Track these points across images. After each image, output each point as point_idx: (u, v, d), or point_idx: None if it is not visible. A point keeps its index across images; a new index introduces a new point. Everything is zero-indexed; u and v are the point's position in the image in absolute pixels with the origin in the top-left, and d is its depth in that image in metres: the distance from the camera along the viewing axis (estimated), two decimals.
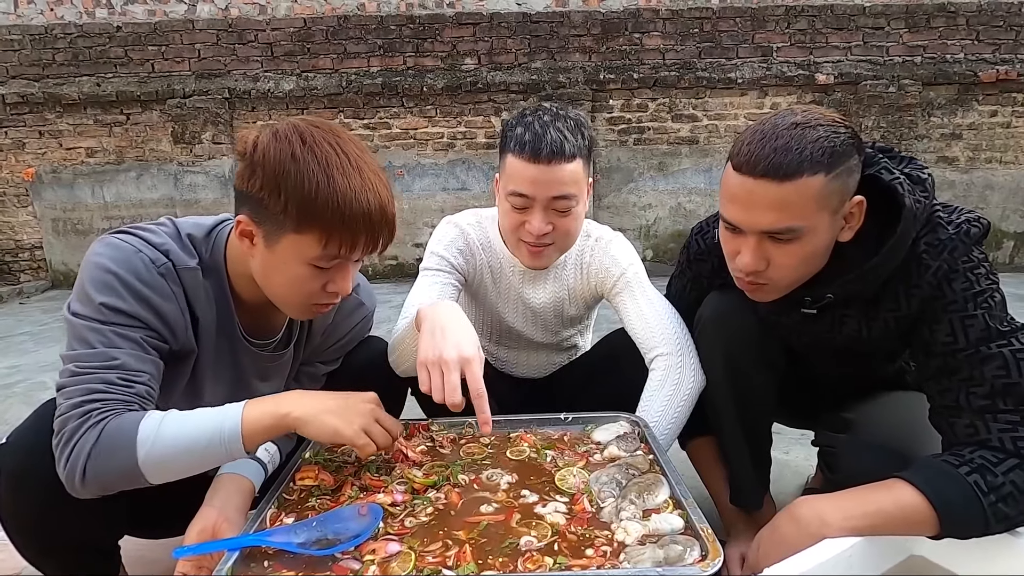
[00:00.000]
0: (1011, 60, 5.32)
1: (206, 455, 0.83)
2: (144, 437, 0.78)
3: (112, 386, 0.80)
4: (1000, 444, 0.83)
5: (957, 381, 0.88)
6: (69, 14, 5.36)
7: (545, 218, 1.16)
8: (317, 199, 0.81)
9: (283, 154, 0.82)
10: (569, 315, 1.40)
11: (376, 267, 5.74)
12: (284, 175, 0.82)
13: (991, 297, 0.88)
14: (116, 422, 0.78)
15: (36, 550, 0.92)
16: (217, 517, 0.87)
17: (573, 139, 1.12)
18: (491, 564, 0.74)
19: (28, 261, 5.66)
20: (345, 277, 0.91)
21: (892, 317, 0.95)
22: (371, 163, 0.88)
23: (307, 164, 0.82)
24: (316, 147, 0.83)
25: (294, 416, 0.85)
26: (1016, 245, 5.61)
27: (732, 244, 0.95)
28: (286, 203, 0.82)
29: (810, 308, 1.01)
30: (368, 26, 5.35)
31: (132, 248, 0.86)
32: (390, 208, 0.88)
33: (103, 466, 0.78)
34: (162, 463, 0.80)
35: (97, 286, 0.83)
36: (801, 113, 0.86)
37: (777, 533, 0.86)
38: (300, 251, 0.85)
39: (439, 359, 0.92)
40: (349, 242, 0.85)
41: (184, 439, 0.80)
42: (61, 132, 5.40)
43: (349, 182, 0.83)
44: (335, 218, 0.82)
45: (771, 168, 0.83)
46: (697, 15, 5.34)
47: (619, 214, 5.58)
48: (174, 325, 0.89)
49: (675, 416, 1.13)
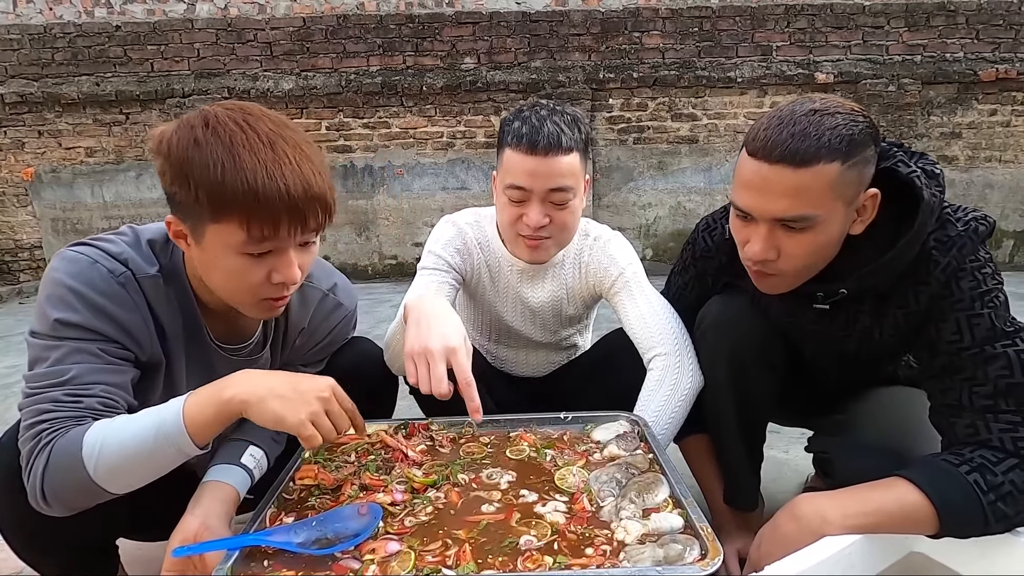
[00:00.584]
0: (1011, 59, 5.32)
1: (156, 456, 0.79)
2: (89, 450, 0.76)
3: (59, 404, 0.79)
4: (1000, 444, 0.83)
5: (960, 380, 0.87)
6: (68, 13, 5.35)
7: (542, 210, 1.17)
8: (224, 182, 0.76)
9: (185, 142, 0.77)
10: (567, 314, 1.40)
11: (376, 267, 5.74)
12: (189, 163, 0.77)
13: (996, 297, 0.88)
14: (62, 441, 0.77)
15: (33, 550, 0.91)
16: (198, 527, 0.86)
17: (570, 132, 1.14)
18: (491, 563, 0.74)
19: (27, 261, 5.66)
20: (287, 264, 0.84)
21: (902, 314, 0.95)
22: (291, 137, 0.81)
23: (210, 147, 0.76)
24: (220, 128, 0.78)
25: (239, 399, 0.79)
26: (1016, 244, 5.61)
27: (743, 232, 0.94)
28: (196, 192, 0.77)
29: (823, 303, 0.99)
30: (367, 25, 5.35)
31: (88, 260, 0.84)
32: (316, 183, 0.81)
33: (59, 486, 0.77)
34: (114, 472, 0.78)
35: (53, 302, 0.81)
36: (820, 100, 0.86)
37: (779, 531, 0.86)
38: (225, 241, 0.80)
39: (424, 349, 0.91)
40: (270, 223, 0.78)
41: (129, 444, 0.77)
42: (60, 132, 5.40)
43: (258, 158, 0.77)
44: (248, 199, 0.76)
45: (788, 153, 0.82)
46: (697, 14, 5.34)
47: (619, 213, 5.58)
48: (138, 335, 0.87)
49: (672, 416, 1.13)
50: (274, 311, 0.93)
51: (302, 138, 0.83)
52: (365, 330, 1.23)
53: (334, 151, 5.48)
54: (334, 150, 5.48)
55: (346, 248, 5.70)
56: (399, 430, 1.10)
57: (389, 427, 1.10)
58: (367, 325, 3.16)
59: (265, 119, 0.81)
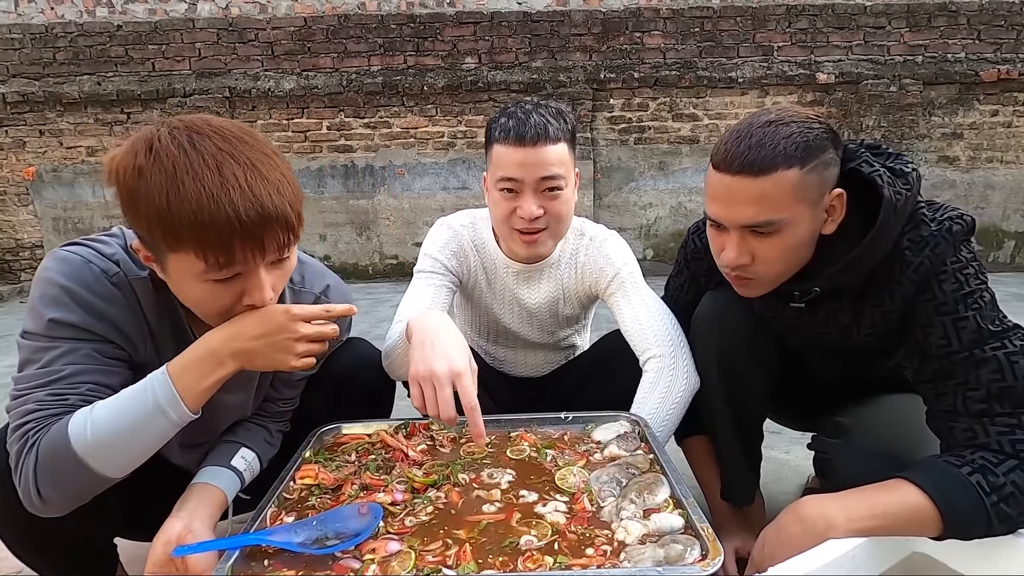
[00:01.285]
0: (1012, 59, 5.31)
1: (148, 427, 0.78)
2: (77, 434, 0.75)
3: (43, 404, 0.78)
4: (999, 447, 0.83)
5: (953, 385, 0.88)
6: (69, 13, 5.36)
7: (536, 201, 1.17)
8: (170, 212, 0.72)
9: (130, 171, 0.74)
10: (564, 314, 1.40)
11: (376, 266, 5.75)
12: (135, 195, 0.74)
13: (981, 297, 0.88)
14: (47, 436, 0.76)
15: (30, 550, 0.91)
16: (182, 529, 0.85)
17: (556, 123, 1.16)
18: (491, 563, 0.74)
19: (29, 260, 5.67)
20: (257, 286, 0.80)
21: (878, 312, 0.96)
22: (243, 154, 0.75)
23: (153, 177, 0.72)
24: (163, 153, 0.73)
25: (228, 361, 0.82)
26: (1017, 245, 5.60)
27: (717, 241, 0.98)
28: (147, 225, 0.75)
29: (798, 302, 1.02)
30: (369, 25, 5.35)
31: (82, 260, 0.83)
32: (271, 203, 0.75)
33: (53, 480, 0.76)
34: (108, 452, 0.77)
35: (46, 302, 0.81)
36: (776, 112, 0.91)
37: (783, 533, 0.86)
38: (187, 270, 0.77)
39: (430, 373, 0.90)
40: (224, 252, 0.74)
41: (118, 419, 0.77)
42: (62, 131, 5.40)
43: (203, 185, 0.72)
44: (196, 230, 0.72)
45: (746, 164, 0.88)
46: (698, 14, 5.34)
47: (620, 213, 5.58)
48: (133, 335, 0.86)
49: (667, 418, 1.13)
50: None
51: (257, 152, 0.77)
52: (365, 330, 1.23)
53: (335, 151, 5.48)
54: (335, 150, 5.48)
55: (347, 248, 5.71)
56: (399, 430, 1.10)
57: (390, 427, 1.10)
58: (367, 325, 3.15)
59: (214, 137, 0.75)
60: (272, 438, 1.10)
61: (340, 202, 5.55)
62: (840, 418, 1.10)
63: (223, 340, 0.82)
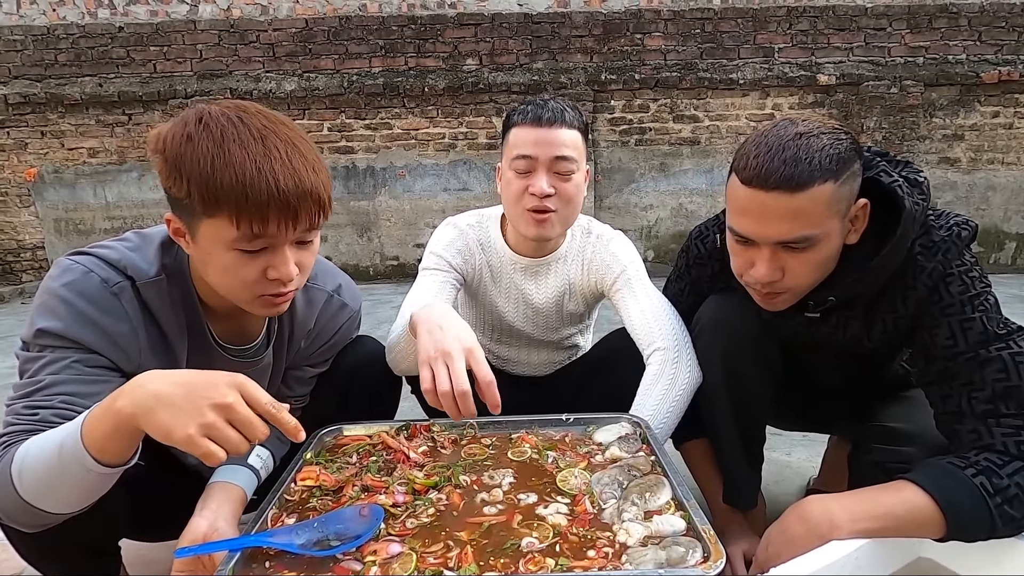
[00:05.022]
0: (1013, 61, 5.31)
1: (68, 475, 0.71)
2: (16, 468, 0.72)
3: (19, 417, 0.77)
4: (1004, 448, 0.83)
5: (958, 386, 0.88)
6: (71, 15, 5.37)
7: (548, 180, 1.21)
8: (214, 176, 0.75)
9: (179, 137, 0.78)
10: (569, 311, 1.40)
11: (377, 267, 5.75)
12: (181, 158, 0.77)
13: (986, 300, 0.89)
14: (6, 459, 0.73)
15: (36, 551, 0.91)
16: (207, 528, 0.86)
17: (572, 112, 1.23)
18: (493, 565, 0.74)
19: (30, 261, 5.67)
20: (283, 261, 0.83)
21: (891, 319, 0.96)
22: (284, 133, 0.80)
23: (201, 142, 0.76)
24: (212, 123, 0.78)
25: (127, 412, 0.68)
26: (1018, 246, 5.60)
27: (744, 256, 0.96)
28: (188, 187, 0.77)
29: (813, 312, 1.01)
30: (370, 27, 5.36)
31: (83, 269, 0.84)
32: (308, 179, 0.80)
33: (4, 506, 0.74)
34: (40, 492, 0.72)
35: (40, 311, 0.82)
36: (802, 122, 0.88)
37: (786, 533, 0.86)
38: (218, 236, 0.79)
39: (442, 352, 0.91)
40: (259, 219, 0.77)
41: (42, 462, 0.71)
42: (63, 132, 5.41)
43: (247, 152, 0.76)
44: (236, 194, 0.76)
45: (783, 180, 0.84)
46: (699, 16, 5.34)
47: (620, 215, 5.58)
48: (125, 345, 0.86)
49: (670, 411, 1.14)
50: (275, 308, 0.91)
51: (297, 134, 0.82)
52: (366, 331, 1.24)
53: (336, 152, 5.49)
54: (336, 151, 5.49)
55: (348, 249, 5.71)
56: (401, 431, 1.10)
57: (391, 428, 1.10)
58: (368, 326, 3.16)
59: (260, 115, 0.80)
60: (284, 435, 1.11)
61: (341, 203, 5.55)
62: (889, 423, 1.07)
63: (147, 377, 0.70)
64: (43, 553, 0.91)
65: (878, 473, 1.07)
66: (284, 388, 1.12)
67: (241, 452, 0.69)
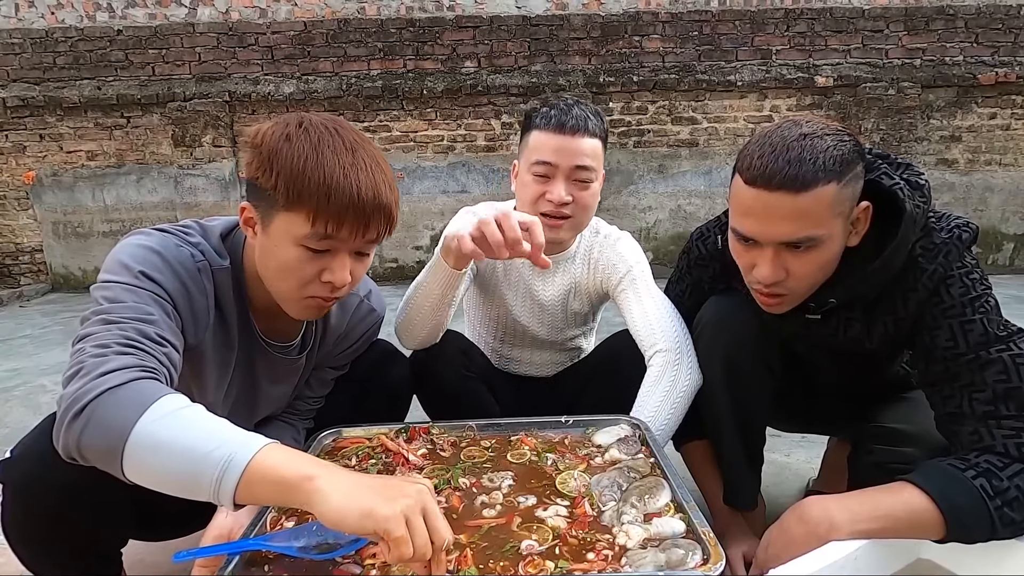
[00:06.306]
0: (1010, 62, 5.33)
1: (187, 473, 0.66)
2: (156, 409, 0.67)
3: (149, 341, 0.75)
4: (1005, 450, 0.83)
5: (959, 387, 0.88)
6: (70, 18, 5.37)
7: (566, 187, 1.22)
8: (304, 173, 0.81)
9: (278, 136, 0.84)
10: (573, 310, 1.42)
11: (377, 269, 5.74)
12: (277, 153, 0.83)
13: (987, 301, 0.89)
14: (140, 385, 0.68)
15: (40, 558, 0.90)
16: (232, 524, 0.87)
17: (595, 119, 1.25)
18: (492, 568, 0.74)
19: (28, 264, 5.66)
20: (342, 266, 0.87)
21: (891, 320, 0.96)
22: (371, 151, 0.87)
23: (299, 142, 0.83)
24: (311, 129, 0.85)
25: (316, 484, 0.64)
26: (1016, 247, 5.60)
27: (747, 257, 0.96)
28: (276, 179, 0.82)
29: (814, 314, 1.01)
30: (368, 29, 5.36)
31: (175, 239, 0.89)
32: (385, 194, 0.86)
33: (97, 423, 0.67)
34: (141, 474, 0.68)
35: (138, 259, 0.83)
36: (805, 123, 0.88)
37: (786, 534, 0.86)
38: (290, 230, 0.84)
39: (484, 216, 0.97)
40: (336, 221, 0.83)
41: (172, 459, 0.67)
42: (62, 135, 5.40)
43: (338, 159, 0.83)
44: (321, 193, 0.81)
45: (787, 180, 0.85)
46: (696, 18, 5.35)
47: (619, 216, 5.58)
48: (198, 320, 0.89)
49: (671, 413, 1.14)
50: (318, 313, 0.95)
51: (379, 153, 0.89)
52: None
53: None
54: None
55: None
56: (400, 434, 1.10)
57: (390, 431, 1.10)
58: None
59: (352, 131, 0.88)
60: (299, 436, 1.14)
61: None
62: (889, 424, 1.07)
63: (331, 481, 0.65)
64: (44, 558, 0.91)
65: (878, 474, 1.06)
66: (305, 389, 1.14)
67: (422, 553, 0.63)
